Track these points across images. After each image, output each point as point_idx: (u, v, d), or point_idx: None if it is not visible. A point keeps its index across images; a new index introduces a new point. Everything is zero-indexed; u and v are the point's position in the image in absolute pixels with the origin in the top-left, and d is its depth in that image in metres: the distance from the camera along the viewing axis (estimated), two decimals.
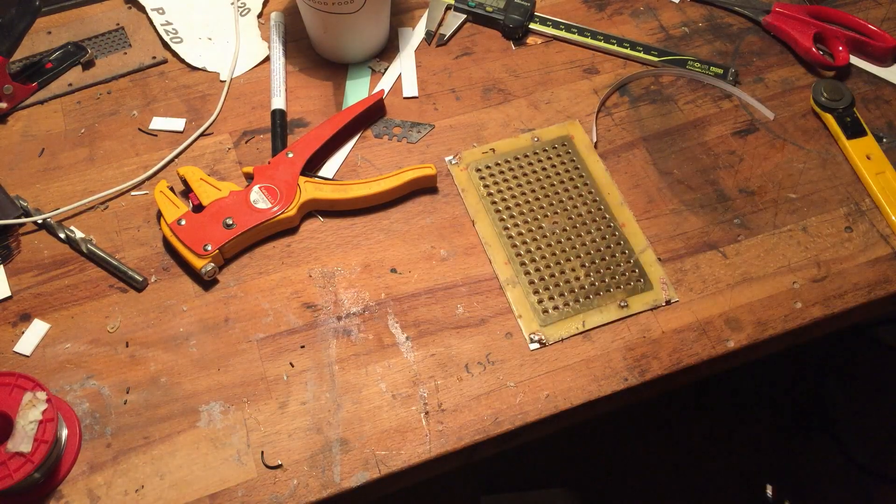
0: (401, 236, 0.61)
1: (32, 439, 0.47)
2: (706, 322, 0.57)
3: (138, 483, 0.51)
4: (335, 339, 0.56)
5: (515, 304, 0.58)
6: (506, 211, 0.62)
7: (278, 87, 0.69)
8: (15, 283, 0.59)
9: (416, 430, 0.53)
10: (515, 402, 0.54)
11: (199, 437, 0.52)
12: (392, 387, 0.54)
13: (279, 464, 0.51)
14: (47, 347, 0.56)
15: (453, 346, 0.56)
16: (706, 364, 0.56)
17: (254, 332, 0.57)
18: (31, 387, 0.49)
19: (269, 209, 0.60)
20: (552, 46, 0.73)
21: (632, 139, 0.67)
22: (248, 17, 0.75)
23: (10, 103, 0.68)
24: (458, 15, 0.75)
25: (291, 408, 0.53)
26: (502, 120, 0.68)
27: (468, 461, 0.54)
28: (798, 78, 0.72)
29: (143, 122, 0.68)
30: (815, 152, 0.67)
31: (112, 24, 0.74)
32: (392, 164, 0.65)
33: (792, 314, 0.58)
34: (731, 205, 0.63)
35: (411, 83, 0.70)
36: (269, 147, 0.66)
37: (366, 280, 0.59)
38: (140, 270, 0.59)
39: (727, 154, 0.66)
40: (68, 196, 0.63)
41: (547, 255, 0.60)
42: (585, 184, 0.64)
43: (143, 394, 0.54)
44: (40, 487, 0.50)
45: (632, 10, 0.76)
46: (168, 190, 0.61)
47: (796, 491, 0.96)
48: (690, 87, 0.71)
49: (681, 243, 0.61)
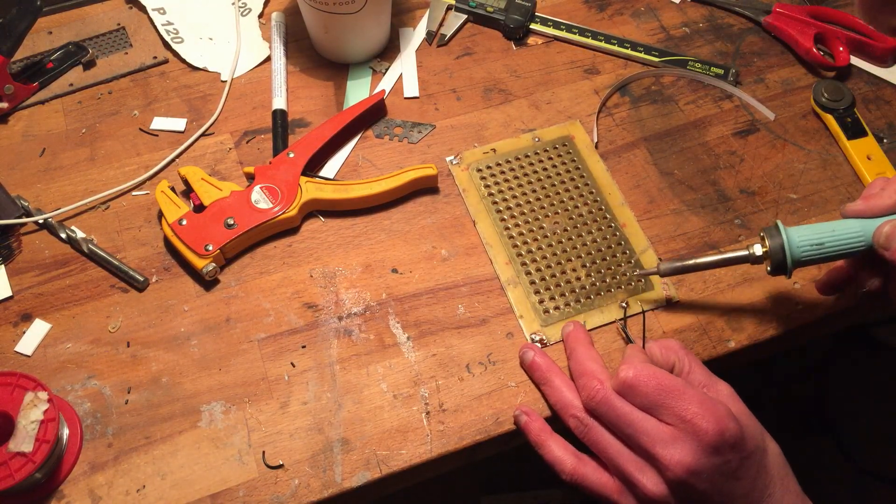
0: (402, 236, 0.61)
1: (34, 439, 0.47)
2: (707, 322, 0.57)
3: (139, 483, 0.51)
4: (336, 339, 0.56)
5: (516, 304, 0.58)
6: (507, 211, 0.62)
7: (279, 87, 0.69)
8: (16, 282, 0.59)
9: (418, 430, 0.53)
10: (517, 402, 0.54)
11: (200, 437, 0.52)
12: (393, 387, 0.54)
13: (280, 464, 0.51)
14: (48, 347, 0.56)
15: (454, 346, 0.56)
16: (707, 364, 0.56)
17: (255, 332, 0.57)
18: (32, 387, 0.49)
19: (270, 209, 0.60)
20: (553, 47, 0.73)
21: (632, 139, 0.67)
22: (249, 17, 0.75)
23: (11, 103, 0.68)
24: (459, 15, 0.75)
25: (293, 408, 0.53)
26: (503, 120, 0.68)
27: (469, 461, 0.54)
28: (798, 78, 0.72)
29: (144, 122, 0.68)
30: (816, 153, 0.67)
31: (113, 24, 0.74)
32: (393, 164, 0.65)
33: (792, 314, 0.58)
34: (732, 205, 0.63)
35: (412, 83, 0.70)
36: (270, 147, 0.66)
37: (367, 280, 0.59)
38: (141, 270, 0.59)
39: (728, 154, 0.66)
40: (69, 196, 0.63)
41: (548, 256, 0.60)
42: (586, 184, 0.64)
43: (145, 394, 0.54)
44: (42, 487, 0.50)
45: (632, 10, 0.76)
46: (169, 190, 0.61)
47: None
48: (691, 88, 0.71)
49: (682, 243, 0.61)
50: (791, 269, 0.51)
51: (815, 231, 0.50)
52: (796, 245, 0.50)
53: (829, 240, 0.49)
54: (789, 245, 0.50)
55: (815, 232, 0.50)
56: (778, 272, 0.51)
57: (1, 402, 0.49)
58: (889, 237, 0.47)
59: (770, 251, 0.51)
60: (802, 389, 0.98)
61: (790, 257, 0.50)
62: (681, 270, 0.55)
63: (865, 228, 0.49)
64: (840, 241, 0.49)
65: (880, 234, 0.48)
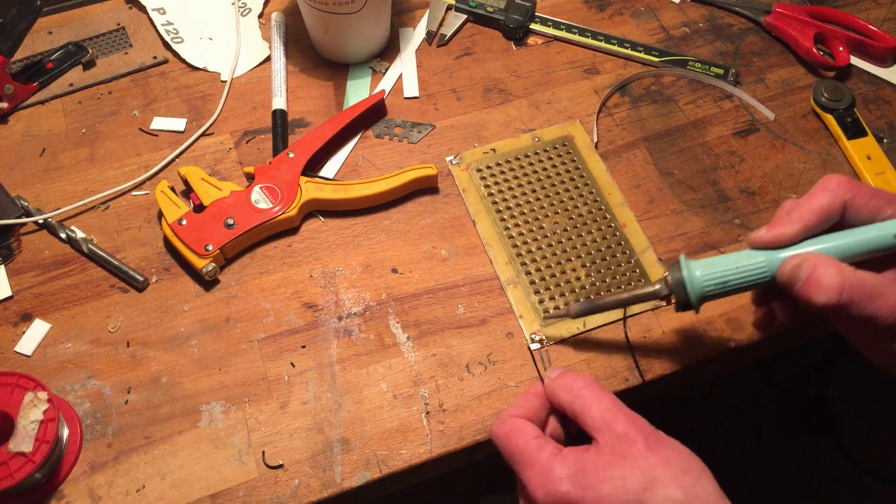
0: (402, 236, 0.61)
1: (34, 439, 0.47)
2: (707, 322, 0.57)
3: (139, 483, 0.51)
4: (336, 339, 0.56)
5: (516, 305, 0.58)
6: (507, 211, 0.62)
7: (279, 87, 0.69)
8: (16, 282, 0.59)
9: (417, 430, 0.53)
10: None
11: (200, 437, 0.52)
12: (393, 387, 0.54)
13: (280, 464, 0.51)
14: (48, 347, 0.56)
15: (454, 346, 0.56)
16: (707, 364, 0.56)
17: (255, 332, 0.57)
18: (32, 387, 0.49)
19: (270, 209, 0.60)
20: (553, 47, 0.73)
21: (632, 139, 0.67)
22: (248, 17, 0.75)
23: (10, 103, 0.68)
24: (459, 15, 0.75)
25: (292, 408, 0.53)
26: (503, 120, 0.68)
27: (469, 461, 0.54)
28: (798, 78, 0.72)
29: (143, 122, 0.68)
30: (816, 153, 0.67)
31: (113, 24, 0.74)
32: (393, 164, 0.65)
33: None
34: (732, 205, 0.63)
35: (412, 83, 0.70)
36: (269, 147, 0.66)
37: (367, 280, 0.59)
38: (141, 270, 0.59)
39: (728, 154, 0.66)
40: (69, 196, 0.63)
41: (548, 256, 0.60)
42: (586, 184, 0.64)
43: (145, 394, 0.54)
44: (41, 487, 0.50)
45: (632, 10, 0.76)
46: (169, 190, 0.61)
47: (796, 491, 0.96)
48: (691, 88, 0.71)
49: (682, 244, 0.61)
50: (697, 305, 0.49)
51: (719, 265, 0.48)
52: (699, 282, 0.47)
53: (733, 276, 0.47)
54: (691, 281, 0.48)
55: (719, 266, 0.47)
56: (684, 308, 0.49)
57: (1, 402, 0.49)
58: (792, 276, 0.45)
59: (671, 287, 0.49)
60: (802, 389, 0.98)
61: (692, 294, 0.48)
62: (591, 311, 0.53)
63: (770, 261, 0.46)
64: (744, 275, 0.47)
65: (783, 272, 0.46)
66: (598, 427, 0.44)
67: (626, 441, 0.43)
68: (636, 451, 0.42)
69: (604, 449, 0.43)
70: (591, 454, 0.43)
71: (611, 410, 0.44)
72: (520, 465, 0.44)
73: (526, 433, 0.45)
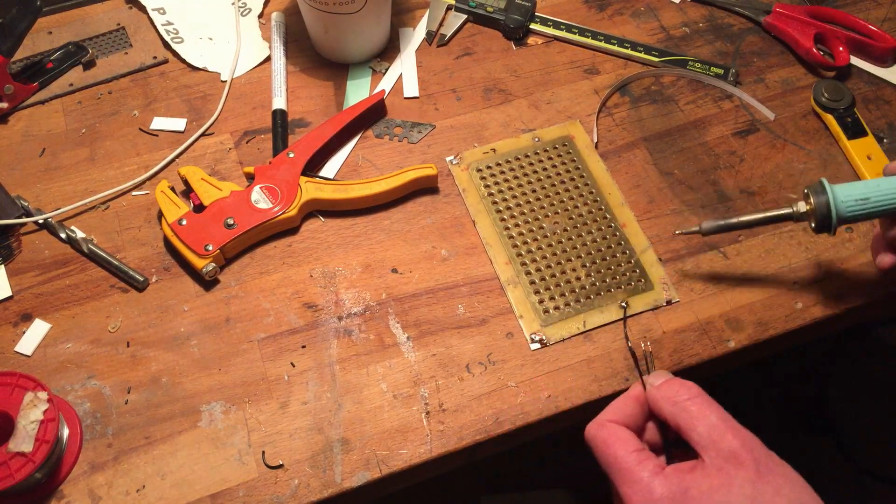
0: (402, 236, 0.61)
1: (34, 439, 0.47)
2: (707, 322, 0.57)
3: (139, 483, 0.51)
4: (336, 339, 0.56)
5: (516, 305, 0.58)
6: (507, 211, 0.62)
7: (279, 87, 0.69)
8: (16, 282, 0.59)
9: (417, 430, 0.53)
10: (516, 402, 0.54)
11: (200, 437, 0.52)
12: (393, 387, 0.54)
13: (280, 464, 0.51)
14: (48, 347, 0.56)
15: (454, 346, 0.56)
16: (707, 364, 0.56)
17: (255, 332, 0.57)
18: (32, 387, 0.49)
19: (270, 209, 0.60)
20: (553, 47, 0.73)
21: (632, 139, 0.67)
22: (248, 17, 0.75)
23: (10, 103, 0.68)
24: (459, 15, 0.75)
25: (292, 408, 0.53)
26: (503, 120, 0.68)
27: (469, 461, 0.54)
28: (798, 78, 0.72)
29: (143, 122, 0.68)
30: (816, 153, 0.67)
31: (113, 24, 0.74)
32: (393, 164, 0.65)
33: (792, 314, 0.58)
34: (732, 205, 0.63)
35: (412, 83, 0.70)
36: (269, 147, 0.66)
37: (367, 280, 0.59)
38: (141, 270, 0.59)
39: (728, 154, 0.66)
40: (69, 196, 0.63)
41: (548, 256, 0.60)
42: (586, 184, 0.64)
43: (145, 394, 0.54)
44: (42, 487, 0.50)
45: (632, 10, 0.76)
46: (169, 190, 0.61)
47: None
48: (691, 88, 0.71)
49: (681, 243, 0.61)
50: (835, 227, 0.50)
51: (858, 188, 0.49)
52: (841, 201, 0.49)
53: (875, 194, 0.48)
54: (835, 201, 0.49)
55: (859, 188, 0.49)
56: (822, 230, 0.51)
57: (1, 402, 0.49)
58: None
59: (815, 208, 0.50)
60: (802, 389, 0.98)
61: (835, 214, 0.49)
62: (724, 229, 0.55)
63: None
64: (886, 195, 0.49)
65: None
66: (705, 445, 0.41)
67: (734, 464, 0.40)
68: (744, 476, 0.39)
69: (709, 470, 0.40)
70: (695, 476, 0.40)
71: (718, 428, 0.41)
72: (618, 478, 0.42)
73: (626, 444, 0.43)
